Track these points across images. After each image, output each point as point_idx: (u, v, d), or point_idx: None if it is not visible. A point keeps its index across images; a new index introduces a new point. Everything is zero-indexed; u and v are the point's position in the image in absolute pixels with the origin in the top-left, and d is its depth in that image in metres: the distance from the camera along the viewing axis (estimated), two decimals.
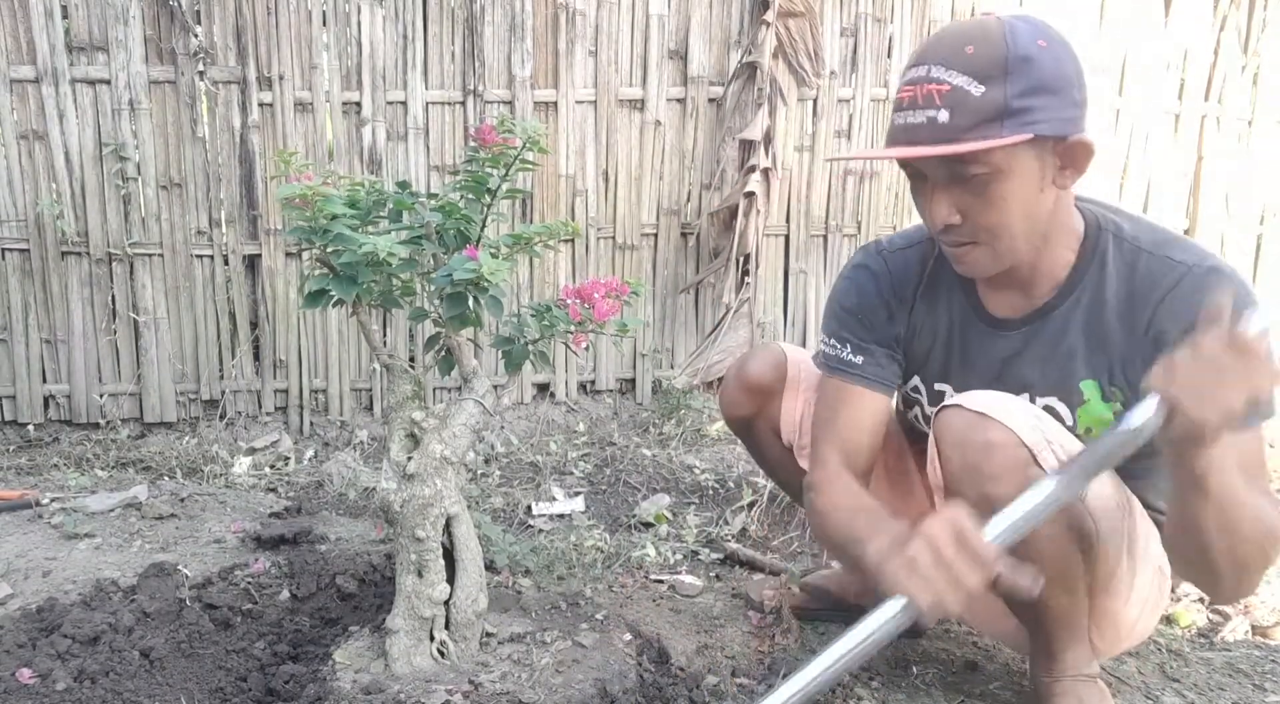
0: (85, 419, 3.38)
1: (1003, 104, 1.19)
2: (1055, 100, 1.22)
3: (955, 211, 1.29)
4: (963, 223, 1.29)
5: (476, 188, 1.61)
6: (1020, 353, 1.44)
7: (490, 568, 2.09)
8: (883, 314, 1.55)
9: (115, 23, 3.19)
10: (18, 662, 1.68)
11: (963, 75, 1.20)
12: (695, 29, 3.47)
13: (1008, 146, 1.20)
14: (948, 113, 1.21)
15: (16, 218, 3.27)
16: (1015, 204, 1.26)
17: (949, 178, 1.26)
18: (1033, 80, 1.20)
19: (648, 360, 3.60)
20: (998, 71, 1.19)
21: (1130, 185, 3.81)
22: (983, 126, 1.20)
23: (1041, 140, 1.23)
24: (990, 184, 1.24)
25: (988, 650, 1.88)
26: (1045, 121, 1.21)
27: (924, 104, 1.23)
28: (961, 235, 1.31)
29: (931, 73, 1.23)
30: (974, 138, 1.20)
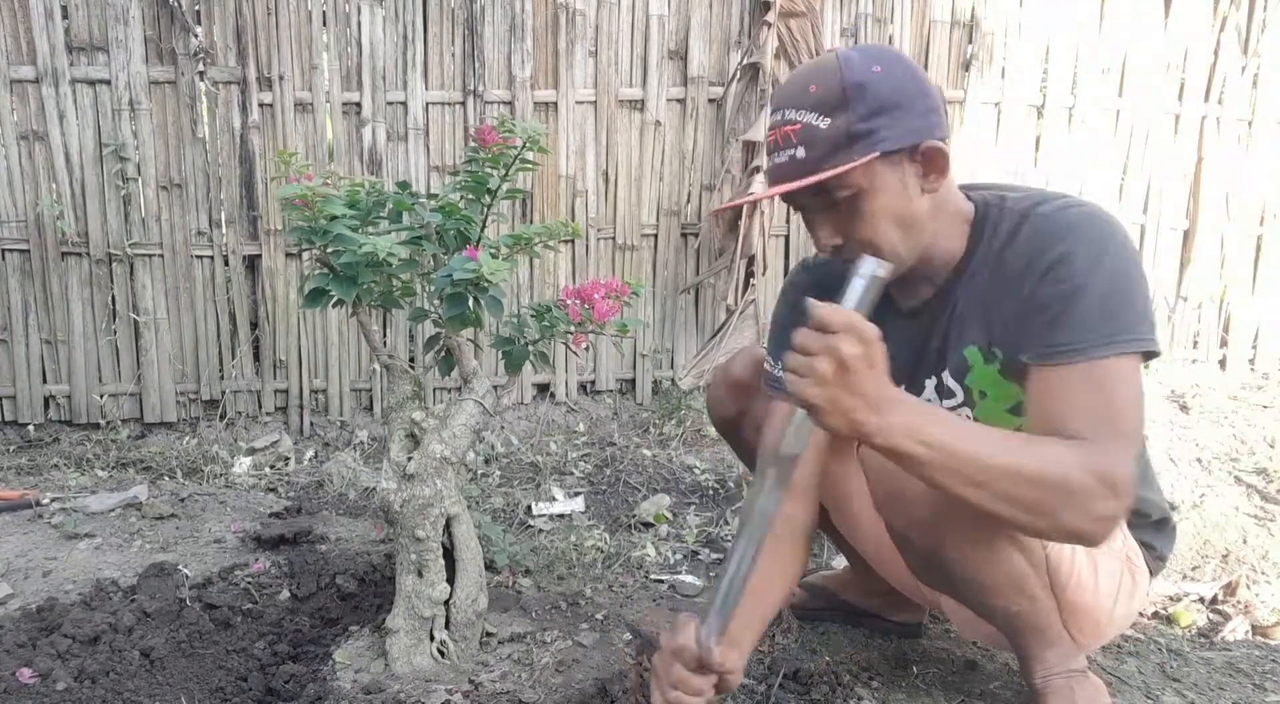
0: (85, 419, 3.38)
1: (846, 130, 1.29)
2: (898, 116, 1.30)
3: (835, 234, 1.38)
4: (845, 242, 1.38)
5: (476, 188, 1.61)
6: (926, 335, 1.52)
7: (490, 568, 2.09)
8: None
9: (115, 23, 3.20)
10: (18, 662, 1.68)
11: (810, 112, 1.31)
12: (695, 29, 3.47)
13: (861, 167, 1.29)
14: (803, 148, 1.31)
15: (16, 218, 3.27)
16: (886, 216, 1.35)
17: (822, 205, 1.36)
18: (871, 103, 1.29)
19: (648, 361, 3.61)
20: (838, 102, 1.29)
21: (1130, 185, 3.82)
22: (835, 154, 1.29)
23: (892, 154, 1.31)
24: (858, 203, 1.33)
25: (988, 650, 1.88)
26: (889, 138, 1.30)
27: (784, 145, 1.33)
28: (848, 253, 1.38)
29: (786, 115, 1.33)
30: (829, 166, 1.29)
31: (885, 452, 1.19)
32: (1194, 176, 3.85)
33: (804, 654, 1.83)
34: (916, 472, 1.20)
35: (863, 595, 1.94)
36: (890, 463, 1.29)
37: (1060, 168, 3.72)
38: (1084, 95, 3.71)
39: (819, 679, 1.71)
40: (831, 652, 1.85)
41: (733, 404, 1.80)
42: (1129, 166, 3.80)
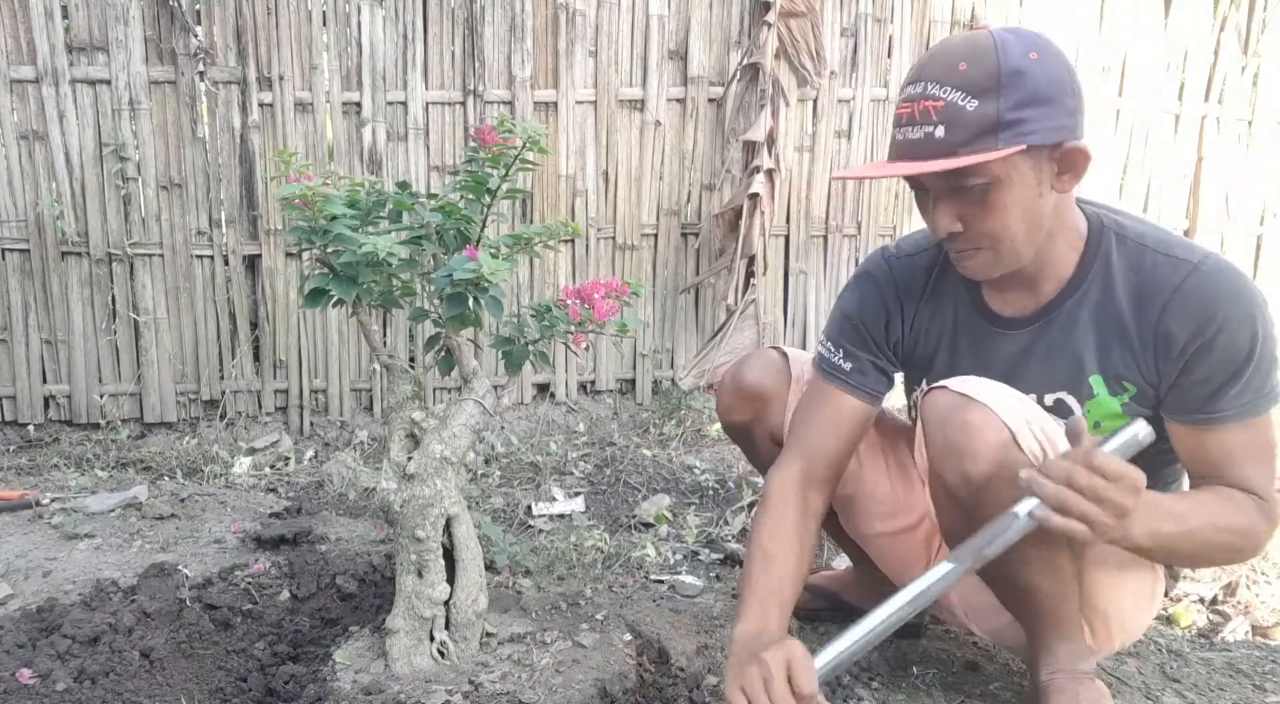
0: (85, 419, 3.38)
1: (996, 117, 1.24)
2: (1048, 110, 1.26)
3: (957, 220, 1.33)
4: (965, 230, 1.34)
5: (476, 188, 1.61)
6: (1028, 350, 1.47)
7: (490, 568, 2.09)
8: (882, 323, 1.59)
9: (115, 23, 3.20)
10: (18, 662, 1.67)
11: (957, 91, 1.25)
12: (695, 29, 3.47)
13: (1003, 158, 1.25)
14: (944, 128, 1.25)
15: (16, 218, 3.27)
16: (1014, 211, 1.31)
17: (949, 189, 1.31)
18: (1025, 92, 1.24)
19: (648, 361, 3.61)
20: (990, 85, 1.24)
21: (1130, 185, 3.82)
22: (978, 140, 1.24)
23: (1036, 149, 1.27)
24: (989, 193, 1.29)
25: (988, 650, 1.88)
26: (1038, 131, 1.25)
27: (921, 120, 1.27)
28: (965, 242, 1.36)
29: (928, 89, 1.27)
30: (970, 151, 1.24)
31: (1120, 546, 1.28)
32: (1194, 176, 3.85)
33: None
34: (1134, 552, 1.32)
35: (864, 596, 1.94)
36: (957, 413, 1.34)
37: None
38: (1084, 95, 3.71)
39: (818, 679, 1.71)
40: None
41: (746, 411, 1.79)
42: (1129, 166, 3.80)
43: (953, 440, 1.36)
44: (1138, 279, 1.38)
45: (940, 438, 1.39)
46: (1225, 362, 1.31)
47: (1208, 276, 1.32)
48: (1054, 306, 1.44)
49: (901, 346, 1.61)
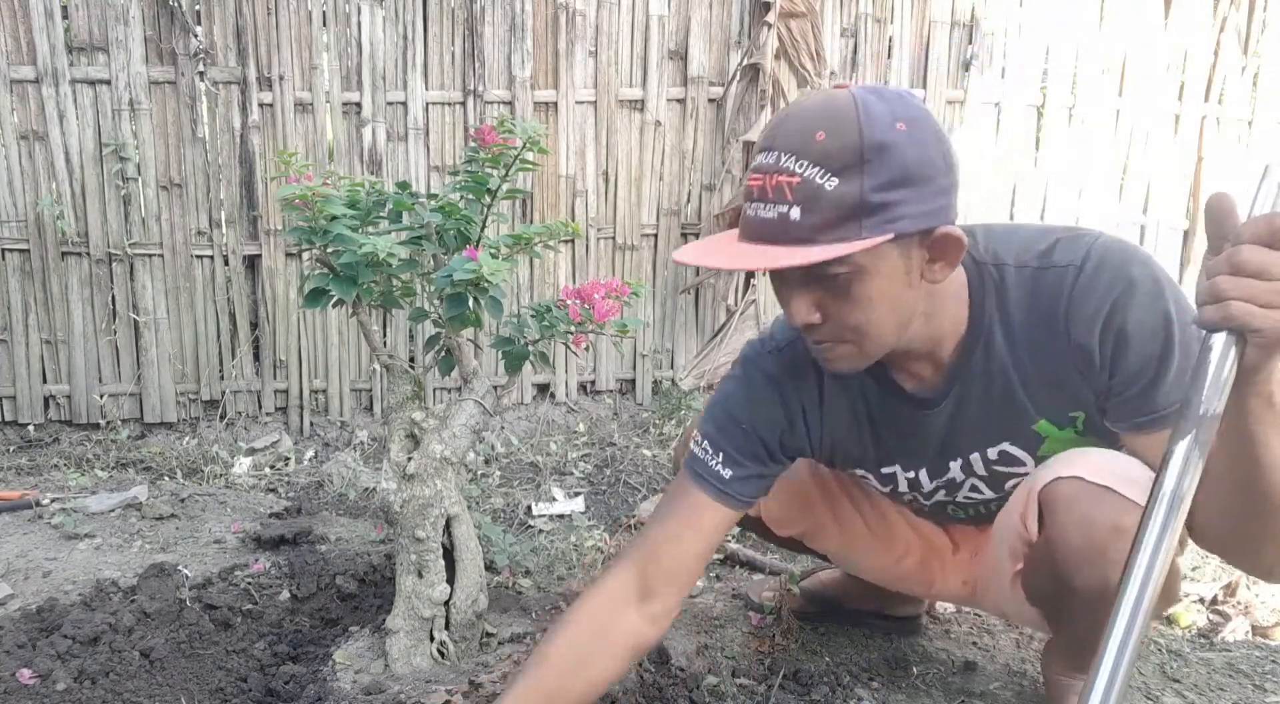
0: (85, 419, 3.38)
1: (859, 200, 1.07)
2: (919, 191, 1.09)
3: (815, 311, 1.17)
4: (824, 322, 1.18)
5: (476, 188, 1.61)
6: (955, 418, 1.35)
7: (490, 568, 2.09)
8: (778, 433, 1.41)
9: (115, 23, 3.20)
10: (18, 662, 1.68)
11: (814, 166, 1.08)
12: (695, 29, 3.47)
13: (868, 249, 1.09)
14: (799, 210, 1.08)
15: (16, 218, 3.27)
16: (880, 302, 1.15)
17: (806, 278, 1.15)
18: (892, 171, 1.08)
19: (648, 361, 3.61)
20: (853, 161, 1.07)
21: (1130, 185, 3.82)
22: (839, 226, 1.08)
23: (905, 237, 1.11)
24: (852, 284, 1.13)
25: (988, 650, 1.88)
26: (907, 217, 1.09)
27: (774, 197, 1.10)
28: (823, 335, 1.20)
29: (781, 161, 1.10)
30: (830, 239, 1.08)
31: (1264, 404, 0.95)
32: (1194, 176, 3.85)
33: (804, 654, 1.83)
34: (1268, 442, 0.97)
35: (862, 598, 1.94)
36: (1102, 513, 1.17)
37: (1060, 168, 3.72)
38: (1084, 95, 3.71)
39: (819, 679, 1.71)
40: (831, 652, 1.85)
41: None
42: (1129, 166, 3.80)
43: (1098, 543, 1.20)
44: (1035, 306, 1.25)
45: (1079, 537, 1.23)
46: (1146, 353, 1.17)
47: (1093, 274, 1.20)
48: (961, 367, 1.31)
49: (817, 452, 1.45)
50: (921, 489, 1.49)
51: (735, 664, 1.79)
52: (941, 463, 1.41)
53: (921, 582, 1.71)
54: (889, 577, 1.73)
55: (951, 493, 1.48)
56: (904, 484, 1.49)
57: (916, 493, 1.51)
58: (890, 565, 1.71)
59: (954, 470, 1.41)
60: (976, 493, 1.46)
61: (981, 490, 1.45)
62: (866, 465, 1.47)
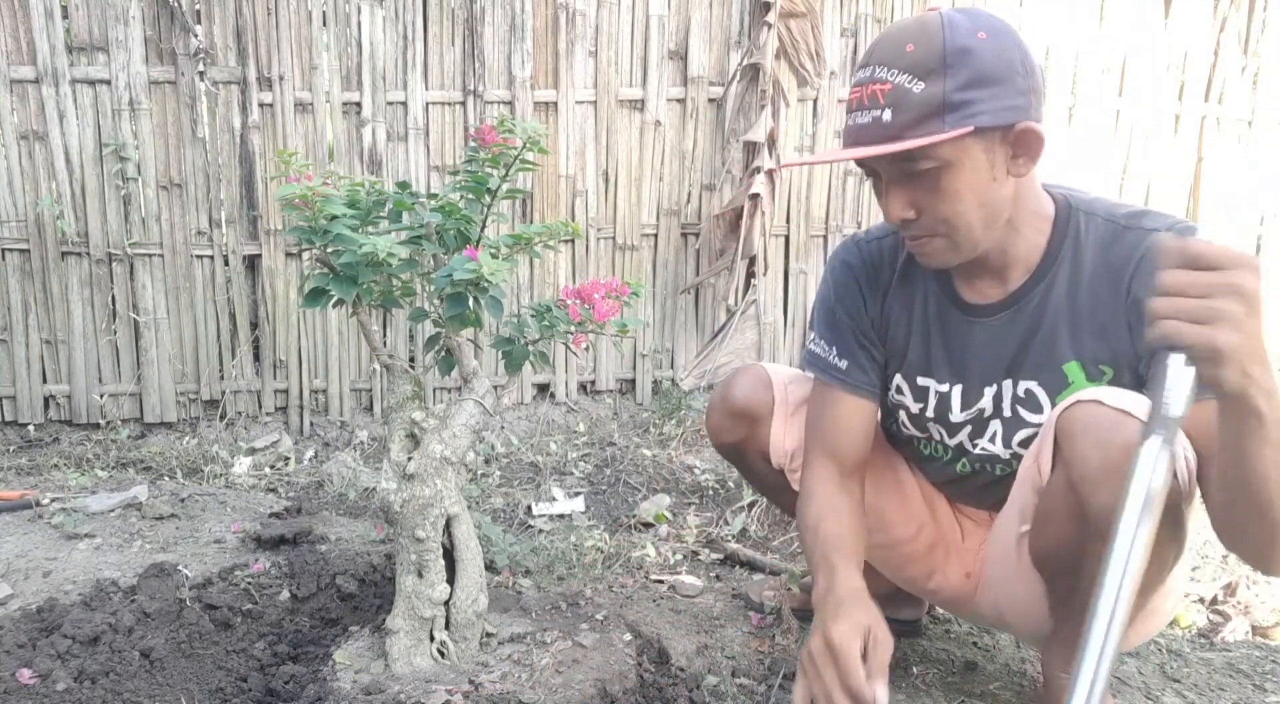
0: (85, 419, 3.38)
1: (942, 98, 1.20)
2: (997, 90, 1.22)
3: (909, 206, 1.30)
4: (918, 217, 1.31)
5: (476, 188, 1.61)
6: (1000, 339, 1.44)
7: (490, 568, 2.09)
8: (861, 308, 1.57)
9: (115, 23, 3.20)
10: (18, 662, 1.68)
11: (903, 73, 1.22)
12: (695, 29, 3.47)
13: (952, 140, 1.22)
14: (890, 111, 1.23)
15: (16, 218, 3.27)
16: (968, 195, 1.27)
17: (900, 174, 1.28)
18: (972, 72, 1.21)
19: (648, 361, 3.61)
20: (936, 66, 1.21)
21: (1130, 185, 3.82)
22: (924, 122, 1.21)
23: (987, 131, 1.23)
24: (940, 177, 1.25)
25: (988, 650, 1.88)
26: (987, 112, 1.22)
27: (869, 104, 1.25)
28: (919, 229, 1.32)
29: (875, 73, 1.25)
30: (917, 134, 1.22)
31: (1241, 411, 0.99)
32: (1194, 176, 3.85)
33: None
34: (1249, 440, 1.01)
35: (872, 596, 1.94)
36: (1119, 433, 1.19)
37: (1060, 168, 3.72)
38: (1084, 95, 3.71)
39: None
40: None
41: (737, 430, 1.77)
42: (1129, 166, 3.80)
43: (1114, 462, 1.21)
44: (1107, 257, 1.34)
45: (1097, 457, 1.25)
46: None
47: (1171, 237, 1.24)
48: (1023, 293, 1.41)
49: (874, 332, 1.58)
50: (949, 417, 1.52)
51: (735, 664, 1.79)
52: (977, 386, 1.48)
53: (925, 567, 1.70)
54: (896, 558, 1.72)
55: (974, 437, 1.52)
56: (933, 403, 1.53)
57: (942, 426, 1.54)
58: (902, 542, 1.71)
59: (986, 399, 1.47)
60: (992, 444, 1.51)
61: (996, 443, 1.50)
62: (906, 370, 1.55)
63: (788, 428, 1.72)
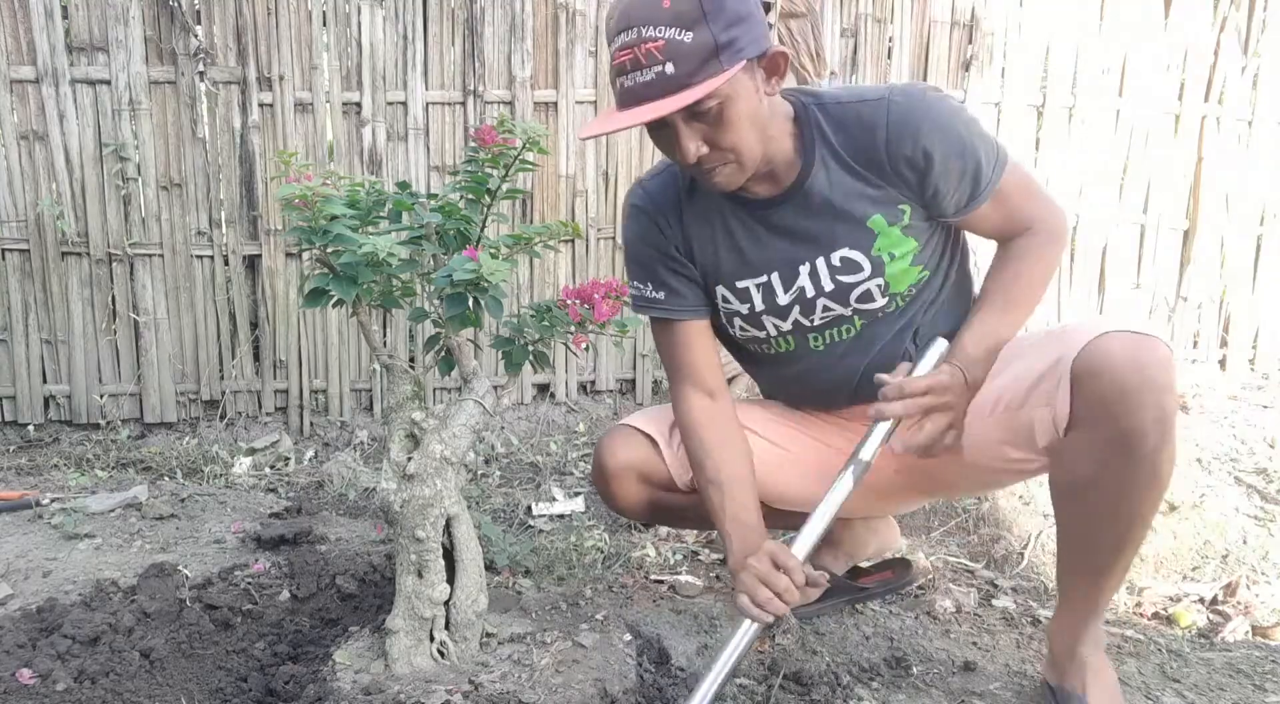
0: (85, 419, 3.38)
1: (713, 42, 1.33)
2: (748, 25, 1.37)
3: (702, 144, 1.43)
4: (710, 151, 1.44)
5: (476, 188, 1.61)
6: (795, 226, 1.60)
7: (490, 568, 2.09)
8: (662, 238, 1.69)
9: (115, 23, 3.20)
10: (18, 662, 1.68)
11: (669, 28, 1.33)
12: None
13: (731, 76, 1.35)
14: (671, 64, 1.33)
15: (16, 218, 3.27)
16: (746, 121, 1.42)
17: (689, 117, 1.40)
18: (727, 14, 1.34)
19: (648, 361, 3.60)
20: (697, 15, 1.33)
21: (1130, 185, 3.81)
22: (705, 66, 1.34)
23: (750, 61, 1.39)
24: (724, 112, 1.40)
25: (988, 650, 1.88)
26: (748, 45, 1.37)
27: (647, 62, 1.34)
28: (711, 161, 1.46)
29: (642, 33, 1.34)
30: (702, 78, 1.34)
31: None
32: (1194, 176, 3.84)
33: (804, 654, 1.83)
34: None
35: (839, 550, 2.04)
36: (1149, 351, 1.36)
37: (1060, 168, 3.72)
38: (1084, 95, 3.71)
39: (819, 679, 1.71)
40: (831, 652, 1.85)
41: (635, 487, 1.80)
42: (1129, 166, 3.80)
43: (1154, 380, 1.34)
44: (852, 132, 1.53)
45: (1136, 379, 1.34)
46: (958, 153, 1.51)
47: (902, 102, 1.51)
48: (799, 181, 1.57)
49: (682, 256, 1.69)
50: (777, 304, 1.65)
51: (735, 664, 1.79)
52: (791, 269, 1.63)
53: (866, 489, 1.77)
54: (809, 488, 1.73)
55: (806, 313, 1.65)
56: (760, 300, 1.66)
57: (774, 317, 1.67)
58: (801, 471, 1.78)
59: (803, 277, 1.62)
60: (829, 311, 1.66)
61: (832, 307, 1.65)
62: (725, 279, 1.68)
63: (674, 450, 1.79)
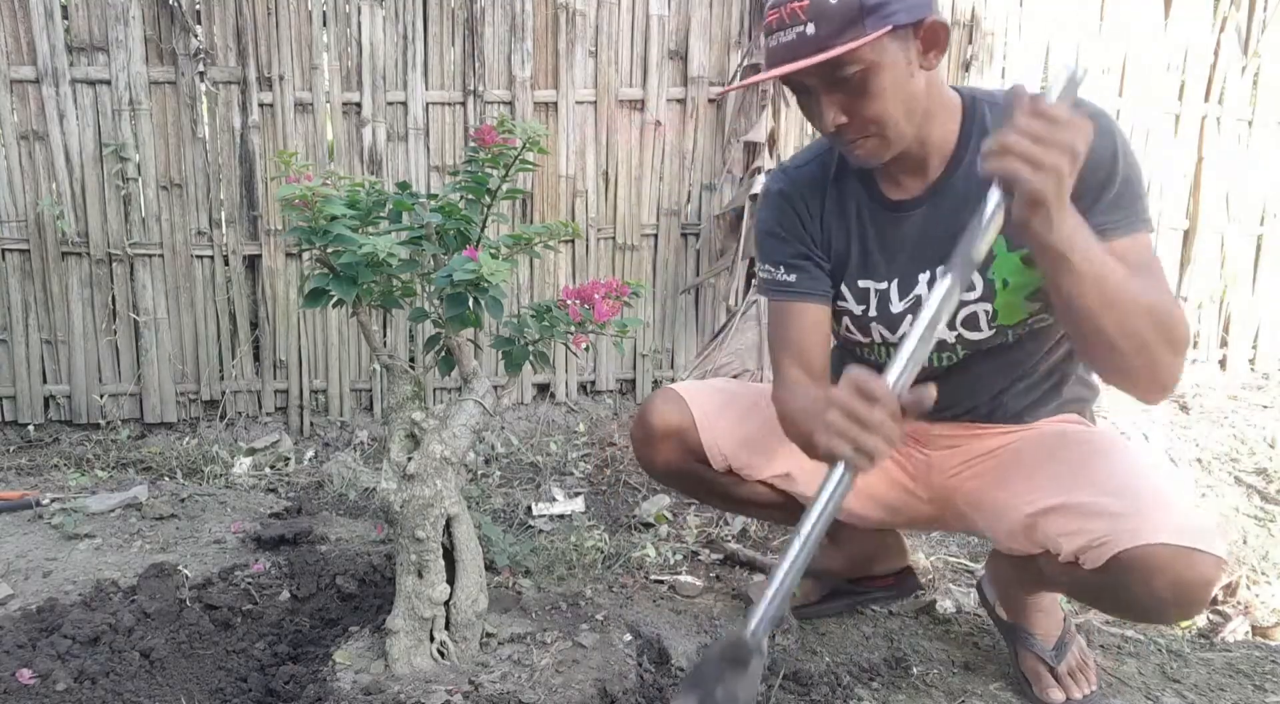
0: (85, 419, 3.38)
1: (858, 5, 1.30)
2: None
3: (841, 112, 1.39)
4: (850, 120, 1.40)
5: (476, 188, 1.61)
6: (926, 228, 1.54)
7: (490, 568, 2.09)
8: (800, 225, 1.65)
9: (115, 23, 3.19)
10: (18, 662, 1.68)
11: None
12: (695, 29, 3.47)
13: (873, 42, 1.31)
14: (813, 25, 1.32)
15: (17, 218, 3.27)
16: (892, 92, 1.37)
17: (829, 83, 1.37)
18: None
19: (648, 361, 3.60)
20: None
21: None
22: (847, 29, 1.31)
23: (901, 29, 1.33)
24: (867, 79, 1.35)
25: (988, 651, 1.88)
26: (899, 12, 1.32)
27: (791, 22, 1.35)
28: (853, 132, 1.42)
29: None
30: (843, 41, 1.31)
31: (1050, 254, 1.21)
32: (1194, 176, 3.84)
33: (804, 654, 1.83)
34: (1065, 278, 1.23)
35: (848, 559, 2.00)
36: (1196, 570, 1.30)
37: None
38: (1084, 95, 3.71)
39: (819, 680, 1.71)
40: (831, 652, 1.85)
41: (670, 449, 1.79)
42: None
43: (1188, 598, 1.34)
44: None
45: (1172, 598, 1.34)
46: (1092, 179, 1.34)
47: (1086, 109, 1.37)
48: (943, 181, 1.51)
49: (817, 246, 1.66)
50: (890, 312, 1.60)
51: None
52: (913, 275, 1.57)
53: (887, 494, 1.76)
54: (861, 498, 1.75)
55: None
56: (875, 306, 1.61)
57: (883, 326, 1.62)
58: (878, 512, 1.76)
59: (921, 286, 1.56)
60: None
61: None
62: (848, 276, 1.64)
63: (715, 430, 1.76)
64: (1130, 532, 1.33)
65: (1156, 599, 1.35)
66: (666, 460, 1.80)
